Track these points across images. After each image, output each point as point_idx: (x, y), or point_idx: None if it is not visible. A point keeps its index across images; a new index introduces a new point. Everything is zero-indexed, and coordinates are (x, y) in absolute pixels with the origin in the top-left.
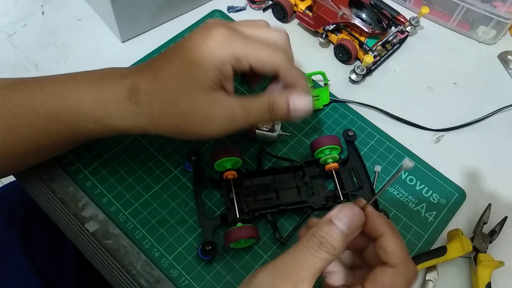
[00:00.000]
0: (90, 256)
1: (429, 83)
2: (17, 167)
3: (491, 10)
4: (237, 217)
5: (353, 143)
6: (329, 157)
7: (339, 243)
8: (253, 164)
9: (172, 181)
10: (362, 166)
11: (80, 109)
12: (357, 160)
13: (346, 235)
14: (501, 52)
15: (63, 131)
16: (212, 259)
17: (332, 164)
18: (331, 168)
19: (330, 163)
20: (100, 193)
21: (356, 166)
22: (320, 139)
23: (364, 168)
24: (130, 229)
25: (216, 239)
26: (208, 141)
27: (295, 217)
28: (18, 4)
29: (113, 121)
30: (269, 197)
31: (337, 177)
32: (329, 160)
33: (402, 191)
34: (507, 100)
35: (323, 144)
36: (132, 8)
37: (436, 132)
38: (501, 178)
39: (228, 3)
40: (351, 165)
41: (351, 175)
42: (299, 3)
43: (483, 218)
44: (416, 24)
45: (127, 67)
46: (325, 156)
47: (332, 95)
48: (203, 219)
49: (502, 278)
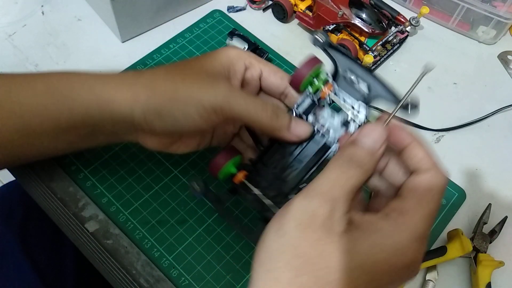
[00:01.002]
0: (90, 256)
1: (429, 83)
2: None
3: (491, 10)
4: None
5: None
6: (319, 83)
7: (368, 159)
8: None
9: (172, 181)
10: (354, 64)
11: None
12: (346, 62)
13: (373, 151)
14: (501, 52)
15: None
16: (205, 196)
17: (324, 89)
18: (326, 93)
19: (322, 88)
20: (100, 193)
21: (348, 68)
22: (297, 72)
23: (359, 65)
24: (130, 229)
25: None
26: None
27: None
28: (18, 4)
29: (106, 89)
30: (292, 167)
31: (338, 96)
32: (319, 87)
33: None
34: (507, 100)
35: (304, 75)
36: (132, 8)
37: (436, 132)
38: (501, 178)
39: (228, 3)
40: (343, 71)
41: (350, 82)
42: (299, 3)
43: (483, 218)
44: (416, 24)
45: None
46: (313, 86)
47: None
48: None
49: (502, 278)
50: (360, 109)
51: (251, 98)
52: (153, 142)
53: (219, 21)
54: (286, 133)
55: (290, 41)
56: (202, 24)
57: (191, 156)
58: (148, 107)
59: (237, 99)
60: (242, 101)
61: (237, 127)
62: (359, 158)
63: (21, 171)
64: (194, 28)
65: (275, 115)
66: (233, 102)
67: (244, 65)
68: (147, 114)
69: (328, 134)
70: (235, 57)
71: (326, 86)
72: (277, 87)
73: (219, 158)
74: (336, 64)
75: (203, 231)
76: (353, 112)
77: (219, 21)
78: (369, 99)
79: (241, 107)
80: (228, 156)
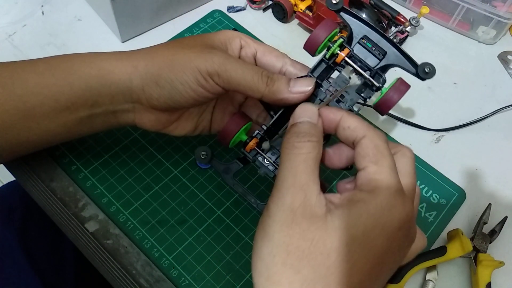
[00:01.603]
0: (90, 256)
1: (429, 83)
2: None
3: (491, 10)
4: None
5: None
6: (335, 47)
7: (313, 129)
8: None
9: (172, 181)
10: (371, 29)
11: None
12: (362, 27)
13: (314, 122)
14: (501, 52)
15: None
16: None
17: (341, 53)
18: (342, 58)
19: (338, 52)
20: (100, 193)
21: (365, 34)
22: (314, 35)
23: (376, 29)
24: (130, 229)
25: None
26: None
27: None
28: (18, 4)
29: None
30: None
31: (354, 62)
32: (336, 51)
33: None
34: (507, 100)
35: (321, 38)
36: (132, 8)
37: (436, 132)
38: (501, 178)
39: (228, 3)
40: (359, 35)
41: (366, 47)
42: (299, 3)
43: (483, 218)
44: (416, 24)
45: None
46: (329, 51)
47: None
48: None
49: (502, 278)
50: (375, 75)
51: (248, 65)
52: (150, 120)
53: (219, 21)
54: (288, 94)
55: (290, 41)
56: (202, 24)
57: (191, 156)
58: (146, 75)
59: (234, 65)
60: (238, 66)
61: (237, 107)
62: (305, 130)
63: (21, 171)
64: (194, 28)
65: (270, 79)
66: (229, 68)
67: (239, 43)
68: (145, 82)
69: (343, 99)
70: (231, 36)
71: (343, 51)
72: (272, 66)
73: (231, 125)
74: (351, 29)
75: (203, 231)
76: (368, 77)
77: (219, 21)
78: (386, 65)
79: (238, 73)
80: (240, 122)
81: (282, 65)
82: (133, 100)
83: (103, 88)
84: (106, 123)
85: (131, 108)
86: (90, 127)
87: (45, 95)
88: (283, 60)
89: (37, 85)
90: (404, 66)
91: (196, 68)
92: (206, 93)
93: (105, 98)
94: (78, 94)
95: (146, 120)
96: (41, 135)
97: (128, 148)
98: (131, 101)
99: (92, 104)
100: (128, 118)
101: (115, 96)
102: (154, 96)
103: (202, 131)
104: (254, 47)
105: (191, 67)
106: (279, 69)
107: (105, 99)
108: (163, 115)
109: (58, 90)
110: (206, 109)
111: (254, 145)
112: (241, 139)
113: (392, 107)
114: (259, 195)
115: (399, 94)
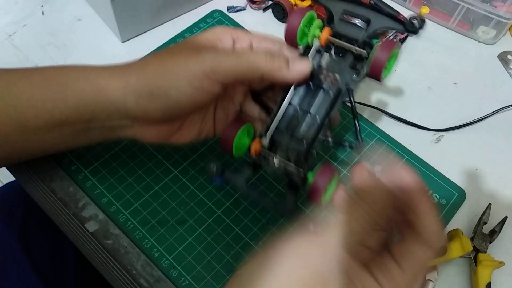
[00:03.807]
0: (90, 256)
1: (429, 83)
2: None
3: (491, 10)
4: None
5: None
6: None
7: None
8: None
9: (172, 181)
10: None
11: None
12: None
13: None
14: (501, 52)
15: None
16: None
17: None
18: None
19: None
20: (100, 193)
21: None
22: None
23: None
24: (130, 229)
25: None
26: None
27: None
28: (18, 4)
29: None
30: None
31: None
32: (316, 33)
33: None
34: (507, 100)
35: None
36: (132, 8)
37: (436, 132)
38: (501, 178)
39: (228, 3)
40: (339, 12)
41: (348, 21)
42: (299, 3)
43: (483, 218)
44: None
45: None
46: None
47: None
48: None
49: (502, 278)
50: (365, 44)
51: (240, 52)
52: (151, 133)
53: (219, 21)
54: (286, 72)
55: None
56: (202, 24)
57: (191, 155)
58: (139, 88)
59: (226, 57)
60: (231, 56)
61: (237, 105)
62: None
63: (21, 171)
64: (194, 28)
65: (270, 56)
66: (222, 61)
67: (231, 38)
68: (139, 97)
69: (336, 80)
70: (221, 32)
71: (324, 32)
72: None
73: (228, 129)
74: (330, 9)
75: (203, 231)
76: (357, 49)
77: (219, 21)
78: (373, 31)
79: (232, 62)
80: (237, 125)
81: (279, 50)
82: (130, 116)
83: (98, 105)
84: (104, 137)
85: (129, 123)
86: (87, 140)
87: (39, 108)
88: (279, 45)
89: (32, 97)
90: (391, 26)
91: (189, 72)
92: (202, 96)
93: (100, 114)
94: (73, 109)
95: (147, 134)
96: (37, 145)
97: (128, 148)
98: (128, 118)
99: (88, 120)
100: (128, 133)
101: (111, 113)
102: (150, 109)
103: (207, 135)
104: (249, 38)
105: (183, 71)
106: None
107: (101, 115)
108: (163, 127)
109: (53, 104)
110: (207, 113)
111: (259, 146)
112: (244, 144)
113: (383, 67)
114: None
115: (386, 51)
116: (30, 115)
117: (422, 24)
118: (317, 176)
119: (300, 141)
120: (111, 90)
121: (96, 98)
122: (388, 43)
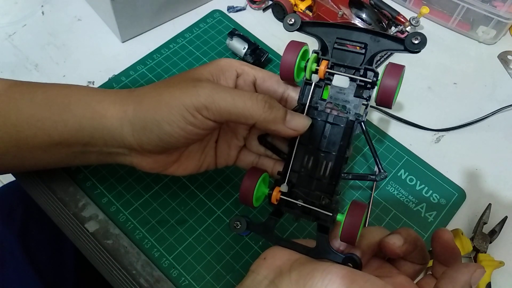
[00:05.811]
0: (90, 256)
1: (429, 83)
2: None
3: (491, 10)
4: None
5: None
6: (310, 65)
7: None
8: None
9: (172, 181)
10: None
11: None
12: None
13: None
14: (501, 52)
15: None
16: (250, 230)
17: (320, 67)
18: (323, 71)
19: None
20: (100, 193)
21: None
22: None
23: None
24: (130, 229)
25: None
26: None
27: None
28: (18, 4)
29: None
30: (324, 160)
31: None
32: (313, 67)
33: (402, 191)
34: (507, 100)
35: (291, 62)
36: (132, 8)
37: (436, 132)
38: (501, 178)
39: (228, 3)
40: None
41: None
42: (299, 3)
43: (483, 218)
44: (416, 24)
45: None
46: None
47: None
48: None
49: (502, 278)
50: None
51: (238, 91)
52: (148, 163)
53: (219, 21)
54: (281, 126)
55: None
56: (202, 24)
57: None
58: (134, 119)
59: (221, 94)
60: (227, 95)
61: (241, 140)
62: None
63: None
64: (194, 28)
65: (268, 105)
66: (217, 98)
67: (235, 72)
68: (134, 128)
69: (345, 110)
70: (225, 65)
71: (322, 65)
72: (274, 92)
73: (246, 181)
74: (322, 39)
75: (203, 231)
76: (358, 78)
77: (219, 21)
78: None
79: (227, 102)
80: (254, 176)
81: (284, 90)
82: (126, 145)
83: (96, 131)
84: (102, 160)
85: (126, 152)
86: (85, 161)
87: (38, 128)
88: (284, 85)
89: (32, 116)
90: (390, 48)
91: (182, 105)
92: (196, 130)
93: (98, 140)
94: (71, 132)
95: (144, 164)
96: (35, 163)
97: None
98: (125, 147)
99: (86, 144)
100: (125, 160)
101: (108, 141)
102: (144, 140)
103: (208, 167)
104: (253, 73)
105: (177, 105)
106: (280, 94)
107: (98, 141)
108: (160, 158)
109: (52, 125)
110: (207, 145)
111: (278, 194)
112: (263, 193)
113: (393, 95)
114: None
115: (394, 77)
116: (29, 133)
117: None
118: (350, 217)
119: (320, 180)
120: (109, 119)
121: (95, 125)
122: (395, 68)
